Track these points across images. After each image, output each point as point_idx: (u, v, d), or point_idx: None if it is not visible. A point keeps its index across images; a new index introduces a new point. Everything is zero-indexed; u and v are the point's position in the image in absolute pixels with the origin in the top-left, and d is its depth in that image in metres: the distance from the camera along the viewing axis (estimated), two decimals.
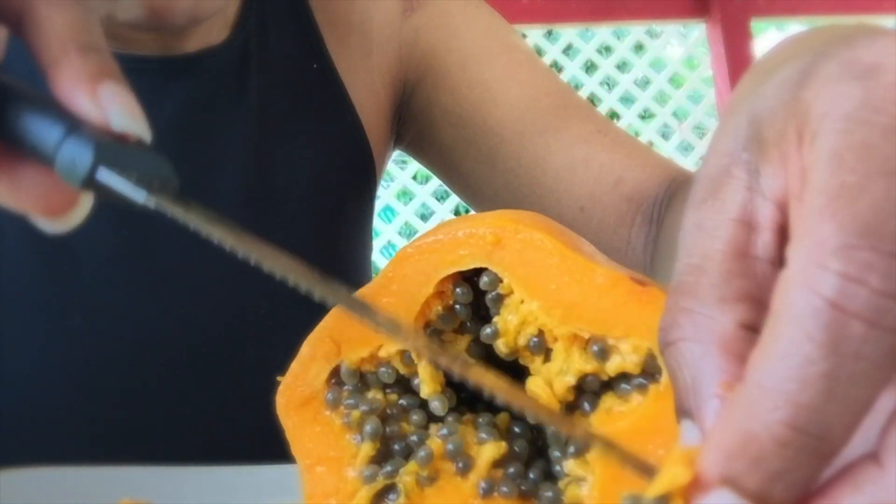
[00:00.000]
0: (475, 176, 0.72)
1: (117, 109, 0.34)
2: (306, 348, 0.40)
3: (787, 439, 0.23)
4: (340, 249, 0.72)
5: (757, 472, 0.23)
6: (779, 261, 0.28)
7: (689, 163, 3.19)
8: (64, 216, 0.35)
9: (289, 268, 0.33)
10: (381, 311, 0.33)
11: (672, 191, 0.65)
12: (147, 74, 0.64)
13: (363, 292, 0.39)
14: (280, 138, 0.68)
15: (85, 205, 0.36)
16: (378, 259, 2.88)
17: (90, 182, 0.33)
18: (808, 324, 0.23)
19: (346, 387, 0.39)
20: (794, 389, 0.23)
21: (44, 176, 0.35)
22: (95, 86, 0.34)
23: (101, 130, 0.34)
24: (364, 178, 0.73)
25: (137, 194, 0.33)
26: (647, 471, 0.30)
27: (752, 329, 0.27)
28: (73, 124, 0.34)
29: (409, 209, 2.99)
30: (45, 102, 0.35)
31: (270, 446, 0.44)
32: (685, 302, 0.28)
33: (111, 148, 0.34)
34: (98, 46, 0.36)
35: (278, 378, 0.40)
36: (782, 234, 0.28)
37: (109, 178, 0.33)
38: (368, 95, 0.73)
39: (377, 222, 2.95)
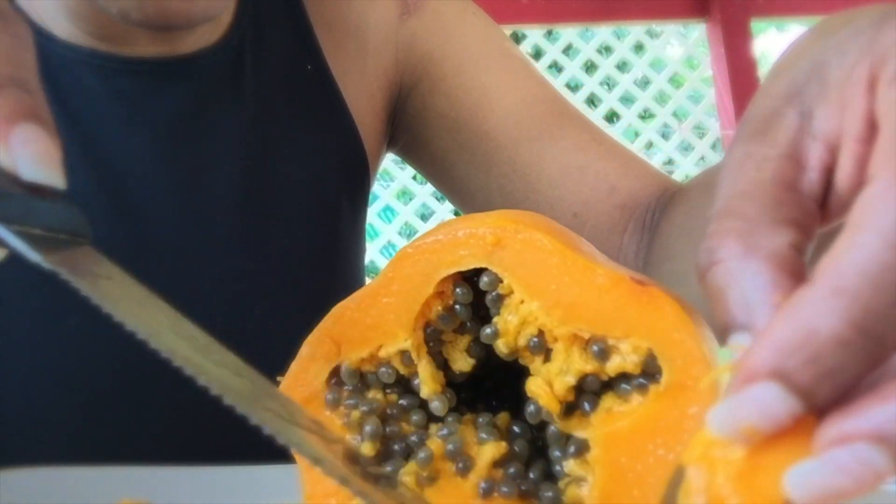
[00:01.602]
0: (468, 180, 0.72)
1: (28, 157, 0.32)
2: (306, 348, 0.40)
3: (848, 339, 0.24)
4: (334, 250, 0.72)
5: (810, 369, 0.24)
6: (823, 201, 0.29)
7: (688, 163, 3.19)
8: None
9: (197, 350, 0.31)
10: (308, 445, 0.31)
11: (665, 200, 0.65)
12: (142, 76, 0.64)
13: (363, 293, 0.39)
14: (275, 139, 0.68)
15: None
16: (378, 259, 2.89)
17: None
18: (890, 234, 0.23)
19: (346, 387, 0.39)
20: (866, 293, 0.23)
21: None
22: (9, 128, 0.32)
23: (10, 177, 0.32)
24: (358, 180, 0.73)
25: (31, 255, 0.31)
26: None
27: (798, 251, 0.28)
28: None
29: (409, 209, 2.99)
30: None
31: (270, 446, 0.44)
32: (734, 223, 0.29)
33: (13, 200, 0.31)
34: (22, 81, 0.33)
35: (278, 378, 0.40)
36: (828, 175, 0.29)
37: (3, 234, 0.31)
38: (363, 97, 0.73)
39: (377, 222, 2.95)
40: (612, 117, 3.27)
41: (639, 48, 3.32)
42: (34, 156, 0.32)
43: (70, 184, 0.35)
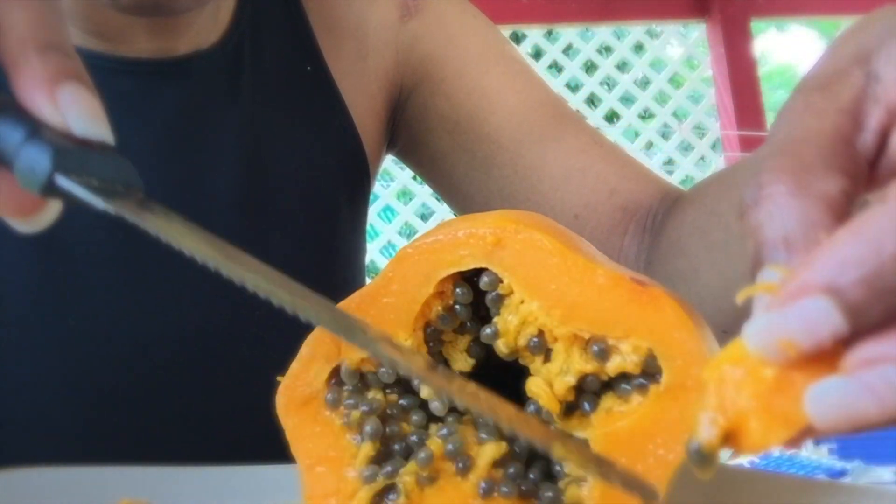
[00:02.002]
0: (468, 182, 0.72)
1: (77, 113, 0.33)
2: (306, 348, 0.40)
3: None
4: (334, 251, 0.72)
5: (866, 286, 0.24)
6: (875, 164, 0.29)
7: (688, 163, 3.19)
8: (34, 217, 0.35)
9: (268, 280, 0.33)
10: (370, 327, 0.32)
11: (668, 203, 0.65)
12: (139, 76, 0.63)
13: (363, 293, 0.39)
14: (273, 140, 0.68)
15: (55, 205, 0.35)
16: (378, 259, 2.89)
17: (49, 188, 0.32)
18: None
19: (346, 387, 0.39)
20: None
21: (10, 178, 0.34)
22: (54, 88, 0.33)
23: (62, 134, 0.33)
24: (358, 181, 0.73)
25: (96, 201, 0.33)
26: (642, 490, 0.30)
27: (848, 198, 0.28)
28: (31, 129, 0.33)
29: (409, 209, 2.99)
30: (5, 104, 0.34)
31: (270, 446, 0.44)
32: (789, 162, 0.28)
33: (70, 153, 0.33)
34: (59, 45, 0.34)
35: (278, 378, 0.40)
36: (883, 139, 0.29)
37: (68, 184, 0.32)
38: (363, 99, 0.73)
39: (377, 222, 2.95)
40: (612, 117, 3.28)
41: (639, 48, 3.33)
42: (84, 112, 0.33)
43: None
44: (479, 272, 0.37)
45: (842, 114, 0.29)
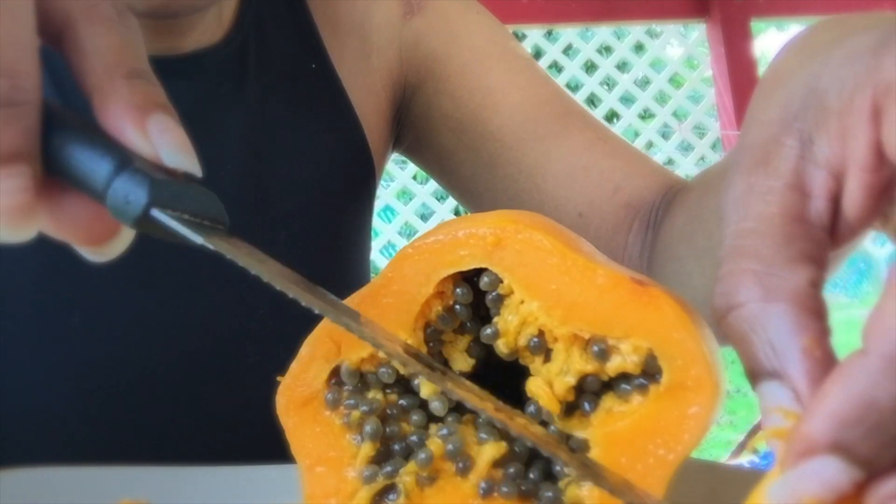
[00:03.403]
0: (474, 180, 0.72)
1: (169, 144, 0.33)
2: (306, 348, 0.40)
3: None
4: (339, 250, 0.72)
5: (872, 440, 0.24)
6: (832, 229, 0.29)
7: (688, 163, 3.19)
8: (106, 246, 0.35)
9: (330, 306, 0.34)
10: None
11: (669, 198, 0.65)
12: None
13: (363, 293, 0.39)
14: (278, 138, 0.68)
15: (128, 235, 0.35)
16: (378, 259, 2.89)
17: (143, 221, 0.32)
18: None
19: (346, 387, 0.39)
20: None
21: (87, 206, 0.34)
22: (144, 118, 0.33)
23: (152, 165, 0.33)
24: (363, 179, 0.73)
25: (193, 236, 0.33)
26: (636, 498, 0.30)
27: (817, 288, 0.27)
28: (123, 159, 0.32)
29: (409, 209, 2.99)
30: (92, 132, 0.33)
31: (270, 446, 0.44)
32: (749, 264, 0.28)
33: (164, 186, 0.32)
34: (144, 72, 0.34)
35: (278, 378, 0.40)
36: (835, 203, 0.29)
37: (163, 218, 0.32)
38: (368, 96, 0.73)
39: (377, 222, 2.95)
40: (612, 117, 3.28)
41: (639, 48, 3.33)
42: (174, 143, 0.33)
43: None
44: (479, 272, 0.37)
45: (786, 190, 0.29)
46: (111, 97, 0.33)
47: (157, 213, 0.32)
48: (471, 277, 0.38)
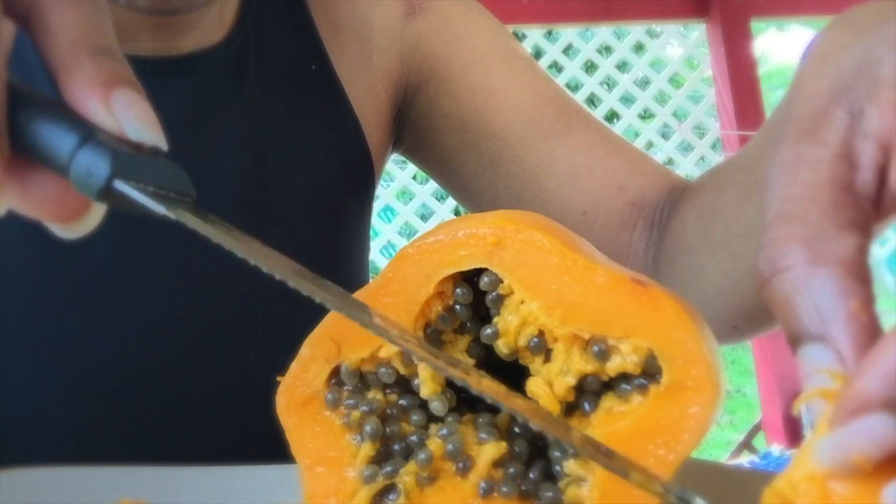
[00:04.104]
0: (476, 180, 0.72)
1: (132, 118, 0.33)
2: (306, 348, 0.40)
3: None
4: (338, 250, 0.72)
5: None
6: (878, 200, 0.29)
7: (688, 163, 3.19)
8: (77, 222, 0.35)
9: (300, 277, 0.34)
10: (378, 313, 0.33)
11: (674, 197, 0.65)
12: (143, 75, 0.63)
13: (363, 293, 0.39)
14: (278, 139, 0.68)
15: (98, 211, 0.35)
16: (378, 259, 2.89)
17: (106, 193, 0.32)
18: None
19: (346, 387, 0.39)
20: None
21: (56, 182, 0.34)
22: (108, 92, 0.33)
23: (116, 139, 0.33)
24: (362, 180, 0.73)
25: (156, 207, 0.33)
26: (642, 477, 0.30)
27: (864, 255, 0.27)
28: (86, 133, 0.33)
29: (409, 209, 2.99)
30: (57, 108, 0.34)
31: (270, 446, 0.44)
32: (796, 229, 0.28)
33: (128, 158, 0.32)
34: (110, 49, 0.34)
35: (278, 378, 0.40)
36: (882, 175, 0.29)
37: (126, 189, 0.32)
38: (368, 98, 0.73)
39: (377, 222, 2.95)
40: (612, 117, 3.28)
41: (639, 48, 3.33)
42: (139, 117, 0.33)
43: None
44: (479, 272, 0.37)
45: (835, 160, 0.29)
46: (75, 73, 0.33)
47: (120, 185, 0.32)
48: (471, 277, 0.38)
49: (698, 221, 0.60)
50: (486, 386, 0.34)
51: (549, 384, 0.36)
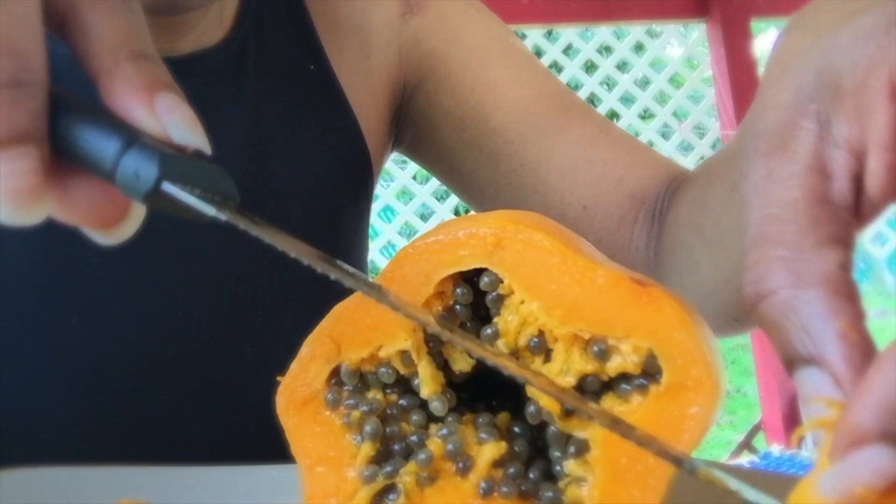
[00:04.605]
0: (477, 177, 0.72)
1: (176, 121, 0.33)
2: (306, 348, 0.40)
3: None
4: (337, 251, 0.72)
5: None
6: (856, 208, 0.28)
7: (689, 163, 3.19)
8: (117, 228, 0.35)
9: (355, 279, 0.34)
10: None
11: (673, 189, 0.65)
12: None
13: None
14: (276, 139, 0.68)
15: (138, 215, 0.35)
16: (378, 259, 2.89)
17: (153, 195, 0.32)
18: None
19: (346, 387, 0.39)
20: None
21: (95, 188, 0.34)
22: (151, 96, 0.33)
23: (161, 142, 0.33)
24: (361, 180, 0.73)
25: (205, 208, 0.33)
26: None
27: (847, 270, 0.27)
28: (131, 136, 0.33)
29: (409, 209, 2.99)
30: (98, 113, 0.33)
31: (270, 446, 0.44)
32: (776, 251, 0.28)
33: (175, 161, 0.32)
34: (149, 53, 0.35)
35: (278, 378, 0.40)
36: (857, 182, 0.28)
37: (174, 191, 0.32)
38: (367, 97, 0.73)
39: (377, 222, 2.95)
40: (612, 117, 3.27)
41: (639, 48, 3.33)
42: (182, 120, 0.34)
43: None
44: (479, 272, 0.37)
45: (808, 173, 0.29)
46: (117, 78, 0.33)
47: (168, 187, 0.32)
48: (471, 277, 0.38)
49: (691, 217, 0.60)
50: (505, 361, 0.34)
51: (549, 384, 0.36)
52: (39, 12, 0.33)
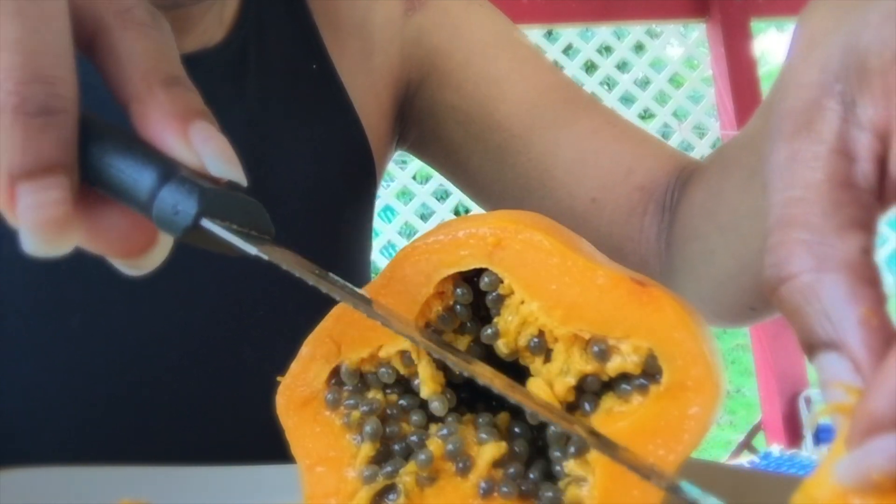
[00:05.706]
0: (483, 173, 0.72)
1: (212, 152, 0.32)
2: (306, 349, 0.40)
3: None
4: (339, 251, 0.72)
5: None
6: (879, 191, 0.28)
7: None
8: (143, 258, 0.34)
9: (401, 322, 0.33)
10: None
11: (683, 179, 0.65)
12: None
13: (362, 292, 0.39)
14: (278, 139, 0.68)
15: (165, 246, 0.34)
16: (378, 259, 2.89)
17: (192, 231, 0.31)
18: None
19: (346, 387, 0.39)
20: None
21: (124, 217, 0.33)
22: (186, 126, 0.32)
23: (197, 173, 0.32)
24: (364, 180, 0.73)
25: (246, 247, 0.32)
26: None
27: (869, 255, 0.27)
28: (167, 168, 0.31)
29: (409, 209, 2.99)
30: (132, 142, 0.32)
31: (270, 446, 0.44)
32: (799, 234, 0.28)
33: (213, 196, 0.31)
34: (181, 78, 0.33)
35: (278, 378, 0.40)
36: (881, 165, 0.28)
37: (214, 228, 0.31)
38: (369, 96, 0.73)
39: (377, 222, 2.94)
40: None
41: (639, 48, 3.33)
42: (218, 152, 0.33)
43: None
44: (479, 272, 0.37)
45: (832, 155, 0.28)
46: (150, 105, 0.32)
47: (207, 223, 0.31)
48: (471, 277, 0.38)
49: (705, 205, 0.59)
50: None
51: (549, 384, 0.36)
52: (70, 34, 0.32)
